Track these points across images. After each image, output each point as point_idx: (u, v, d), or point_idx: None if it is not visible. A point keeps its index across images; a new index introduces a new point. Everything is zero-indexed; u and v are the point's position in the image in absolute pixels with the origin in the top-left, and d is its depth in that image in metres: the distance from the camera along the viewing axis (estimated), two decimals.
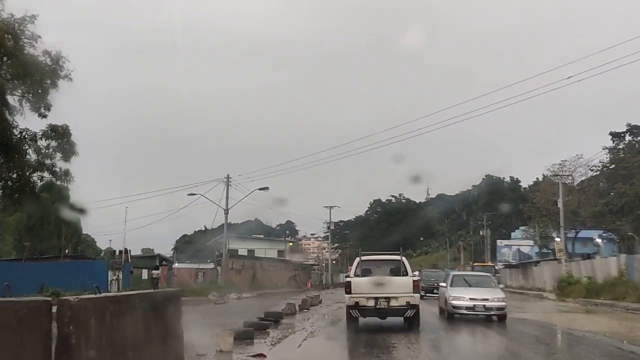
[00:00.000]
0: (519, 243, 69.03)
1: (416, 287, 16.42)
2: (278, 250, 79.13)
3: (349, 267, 64.48)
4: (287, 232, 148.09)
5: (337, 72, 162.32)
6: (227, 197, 43.46)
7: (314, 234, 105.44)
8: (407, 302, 16.01)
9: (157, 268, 38.81)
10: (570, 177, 71.30)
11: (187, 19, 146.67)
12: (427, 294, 34.99)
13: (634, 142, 72.17)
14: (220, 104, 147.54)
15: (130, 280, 37.32)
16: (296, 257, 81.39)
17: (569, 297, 37.04)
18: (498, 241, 74.31)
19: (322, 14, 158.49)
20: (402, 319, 16.66)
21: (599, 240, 73.42)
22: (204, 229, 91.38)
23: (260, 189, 42.06)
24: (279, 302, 26.81)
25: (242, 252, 71.92)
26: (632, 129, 72.11)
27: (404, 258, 17.37)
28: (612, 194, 69.50)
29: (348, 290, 16.54)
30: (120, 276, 37.18)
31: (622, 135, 72.21)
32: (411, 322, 16.40)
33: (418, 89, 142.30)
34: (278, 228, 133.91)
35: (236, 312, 23.56)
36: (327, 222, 74.15)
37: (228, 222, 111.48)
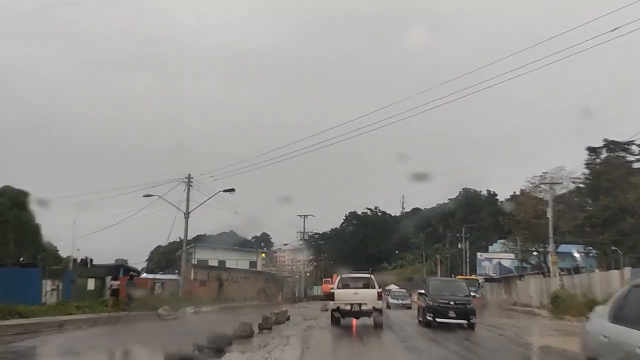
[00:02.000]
0: (499, 256, 64.12)
1: (379, 296, 21.58)
2: (250, 262, 73.38)
3: (324, 280, 59.64)
4: (262, 243, 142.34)
5: (313, 78, 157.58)
6: (187, 199, 37.49)
7: (286, 244, 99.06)
8: (373, 307, 20.80)
9: (116, 278, 32.53)
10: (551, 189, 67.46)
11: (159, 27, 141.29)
12: (438, 319, 21.66)
13: (610, 157, 68.82)
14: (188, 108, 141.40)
15: (72, 291, 31.27)
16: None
17: (566, 315, 31.97)
18: (478, 254, 69.27)
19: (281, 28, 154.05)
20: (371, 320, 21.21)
21: (577, 255, 69.52)
22: (178, 239, 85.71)
23: (225, 191, 36.33)
24: (240, 318, 21.36)
25: (213, 262, 66.42)
26: (609, 144, 68.74)
27: (372, 276, 22.68)
28: (590, 208, 65.76)
29: (332, 298, 21.48)
30: (61, 286, 31.14)
31: (599, 150, 69.02)
32: (376, 321, 21.08)
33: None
34: (253, 240, 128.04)
35: (177, 334, 17.90)
36: (300, 231, 68.34)
37: (202, 233, 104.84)
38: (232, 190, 36.25)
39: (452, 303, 21.40)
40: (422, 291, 24.03)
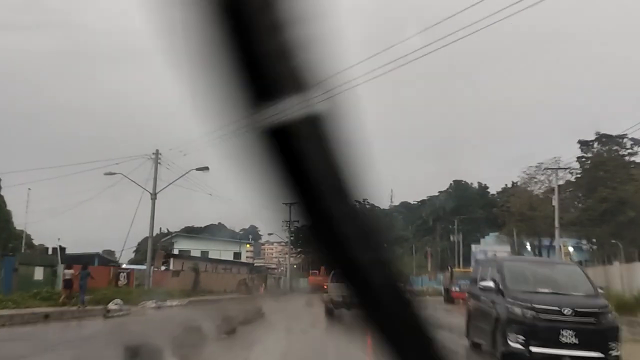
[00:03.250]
0: (495, 249, 59.19)
1: None
2: (234, 253, 68.11)
3: (310, 272, 54.45)
4: (250, 236, 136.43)
5: None
6: (155, 178, 31.80)
7: (271, 234, 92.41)
8: None
9: (70, 267, 26.94)
10: (547, 181, 63.50)
11: None
12: (539, 347, 9.70)
13: (602, 151, 64.73)
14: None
15: (13, 281, 25.80)
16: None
17: None
18: (473, 246, 64.18)
19: None
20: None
21: (571, 249, 65.32)
22: (166, 230, 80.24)
23: (198, 169, 30.85)
24: (206, 315, 16.21)
25: (196, 253, 61.26)
26: (601, 138, 64.50)
27: None
28: (584, 201, 61.46)
29: (325, 291, 22.11)
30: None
31: (591, 143, 64.84)
32: None
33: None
34: (242, 232, 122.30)
35: (93, 342, 12.50)
36: (286, 220, 62.05)
37: (190, 225, 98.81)
38: (206, 168, 30.76)
39: (566, 312, 9.72)
40: (488, 283, 11.17)
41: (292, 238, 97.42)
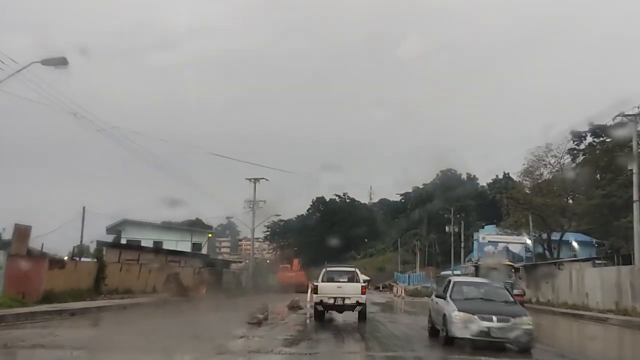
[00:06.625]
0: (508, 240, 44.78)
1: (363, 289, 17.89)
2: (193, 243, 52.58)
3: (281, 266, 39.78)
4: (227, 231, 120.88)
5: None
6: None
7: (230, 217, 75.28)
8: (357, 300, 17.62)
9: None
10: (558, 163, 49.36)
11: None
12: None
13: (594, 143, 51.97)
14: None
15: None
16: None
17: None
18: (480, 236, 49.55)
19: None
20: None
21: (575, 244, 52.02)
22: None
23: (45, 63, 14.62)
24: None
25: (148, 243, 46.09)
26: (595, 129, 51.36)
27: (357, 270, 19.37)
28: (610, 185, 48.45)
29: (315, 291, 18.13)
30: None
31: (584, 135, 51.82)
32: (359, 314, 17.86)
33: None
34: (219, 228, 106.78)
35: None
36: (249, 200, 46.63)
37: (166, 220, 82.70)
38: (62, 61, 14.91)
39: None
40: None
41: (267, 232, 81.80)
